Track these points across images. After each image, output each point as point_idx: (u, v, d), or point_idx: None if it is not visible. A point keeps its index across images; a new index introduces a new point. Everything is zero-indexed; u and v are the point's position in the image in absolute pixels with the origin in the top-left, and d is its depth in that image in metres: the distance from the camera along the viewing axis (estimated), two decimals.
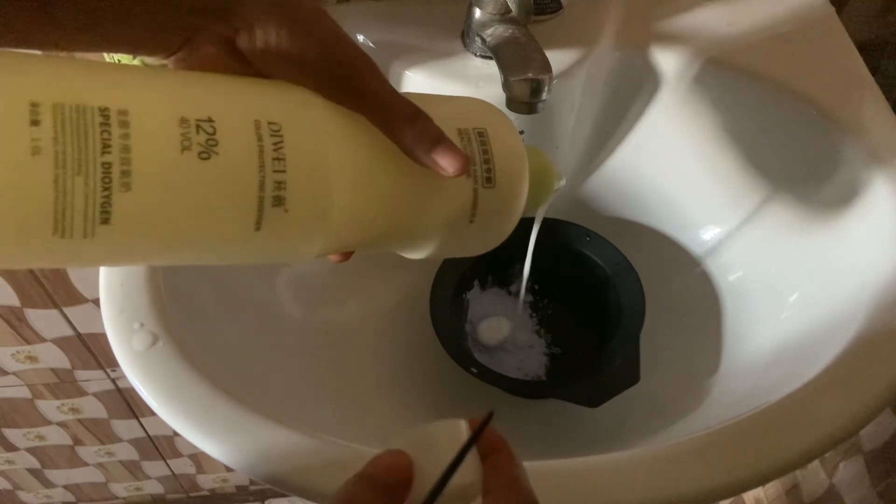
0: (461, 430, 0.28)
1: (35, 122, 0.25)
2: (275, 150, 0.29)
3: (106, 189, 0.26)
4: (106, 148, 0.26)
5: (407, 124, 0.31)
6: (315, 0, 0.31)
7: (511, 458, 0.28)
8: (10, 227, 0.26)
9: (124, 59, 0.48)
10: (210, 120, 0.28)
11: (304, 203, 0.30)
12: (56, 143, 0.25)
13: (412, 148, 0.31)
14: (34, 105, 0.25)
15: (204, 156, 0.28)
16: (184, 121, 0.28)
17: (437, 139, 0.31)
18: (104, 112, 0.26)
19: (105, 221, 0.27)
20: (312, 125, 0.30)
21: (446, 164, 0.31)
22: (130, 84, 0.28)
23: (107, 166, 0.26)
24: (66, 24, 0.28)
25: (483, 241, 0.35)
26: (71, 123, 0.26)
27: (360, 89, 0.31)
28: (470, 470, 0.27)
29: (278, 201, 0.29)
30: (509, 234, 0.35)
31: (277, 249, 0.31)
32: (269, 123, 0.29)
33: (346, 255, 0.37)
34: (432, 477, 0.26)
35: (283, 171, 0.29)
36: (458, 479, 0.27)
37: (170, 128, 0.28)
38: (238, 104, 0.30)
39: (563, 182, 0.39)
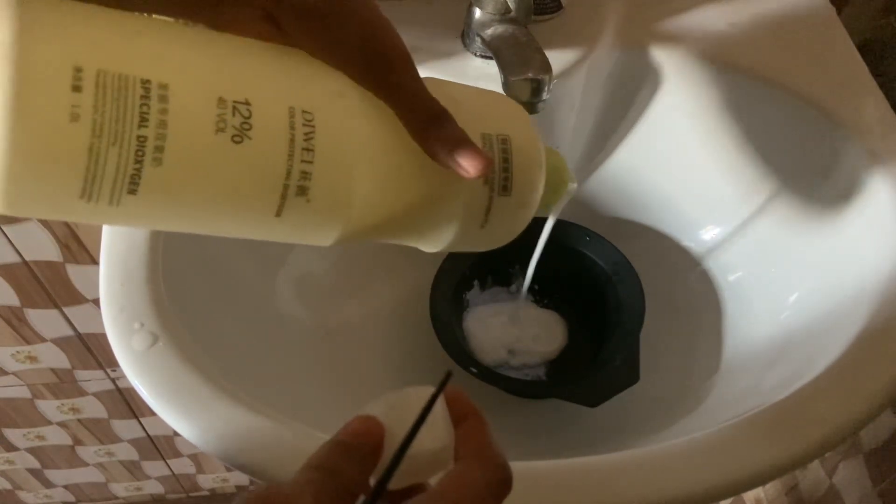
0: (431, 394, 0.29)
1: (77, 88, 0.25)
2: (305, 139, 0.29)
3: (138, 162, 0.27)
4: (143, 121, 0.26)
5: (431, 124, 0.31)
6: None
7: (482, 423, 0.29)
8: (39, 186, 0.26)
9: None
10: (247, 103, 0.28)
11: (326, 195, 0.30)
12: (95, 111, 0.25)
13: (434, 148, 0.31)
14: (78, 70, 0.25)
15: (237, 139, 0.28)
16: (222, 101, 0.28)
17: (459, 141, 0.31)
18: (146, 84, 0.27)
19: (132, 192, 0.27)
20: (344, 118, 0.30)
21: (468, 164, 0.31)
22: (174, 55, 0.28)
23: (142, 140, 0.27)
24: None
25: (490, 241, 0.36)
26: (112, 93, 0.26)
27: (390, 84, 0.31)
28: (441, 435, 0.28)
29: (302, 191, 0.30)
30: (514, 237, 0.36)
31: (295, 235, 0.32)
32: (304, 112, 0.29)
33: None
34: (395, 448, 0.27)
35: (311, 163, 0.29)
36: (428, 444, 0.27)
37: (208, 107, 0.28)
38: (276, 88, 0.29)
39: (574, 186, 0.40)
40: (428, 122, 0.31)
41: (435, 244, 0.35)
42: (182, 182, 0.28)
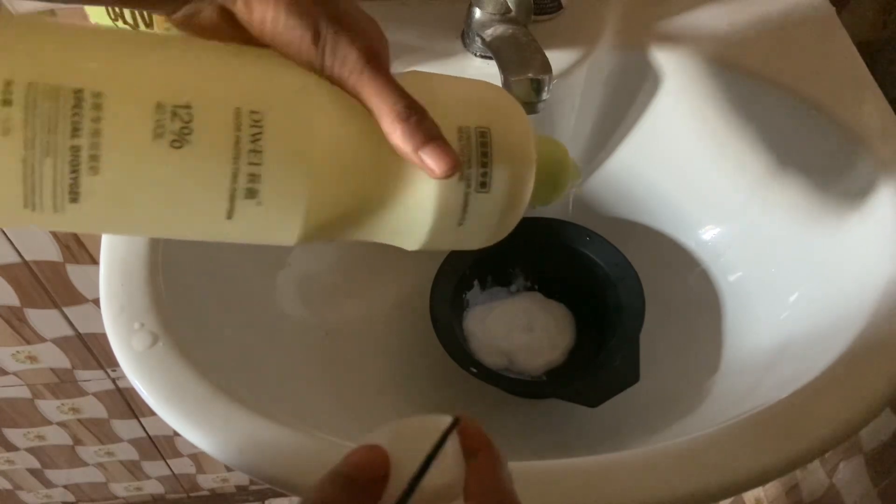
0: (442, 425, 0.28)
1: (7, 102, 0.25)
2: (252, 141, 0.28)
3: (74, 171, 0.27)
4: (75, 131, 0.26)
5: (399, 119, 0.30)
6: None
7: (495, 459, 0.27)
8: None
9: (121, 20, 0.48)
10: (188, 106, 0.28)
11: (278, 197, 0.29)
12: (26, 124, 0.26)
13: (401, 144, 0.30)
14: (7, 83, 0.25)
15: (176, 144, 0.28)
16: (160, 106, 0.27)
17: (428, 138, 0.30)
18: (78, 94, 0.26)
19: (74, 200, 0.27)
20: (302, 116, 0.29)
21: (433, 162, 0.30)
22: (112, 64, 0.28)
23: (75, 149, 0.26)
24: None
25: (474, 240, 0.34)
26: (42, 105, 0.26)
27: (358, 77, 0.30)
28: (449, 469, 0.27)
29: (251, 193, 0.29)
30: (507, 235, 0.34)
31: (251, 236, 0.31)
32: (252, 112, 0.29)
33: None
34: (409, 473, 0.26)
35: (259, 164, 0.29)
36: (437, 479, 0.26)
37: (145, 113, 0.27)
38: (222, 89, 0.29)
39: (579, 181, 0.38)
40: (397, 115, 0.30)
41: (410, 242, 0.34)
42: (123, 189, 0.28)
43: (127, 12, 0.47)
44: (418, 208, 0.32)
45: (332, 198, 0.31)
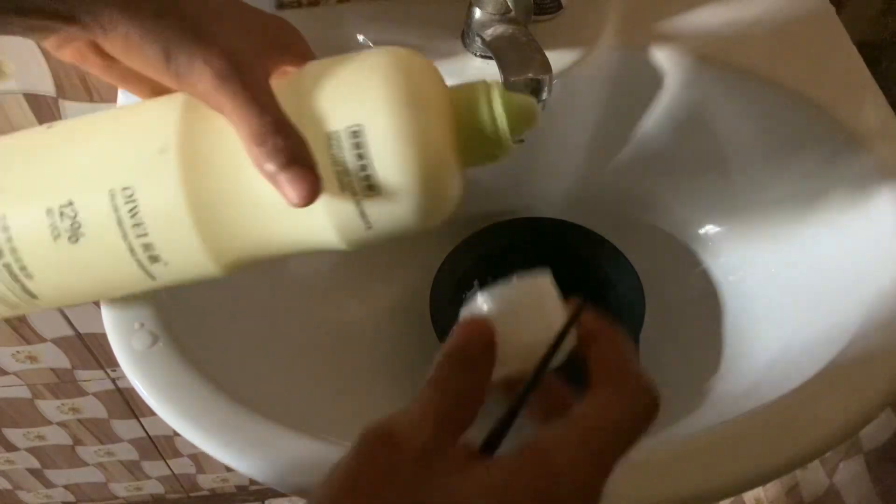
0: (543, 289, 0.28)
1: None
2: (132, 216, 0.30)
3: (16, 281, 0.32)
4: (0, 254, 0.31)
5: (255, 142, 0.28)
6: None
7: (618, 341, 0.26)
8: None
9: None
10: (70, 203, 0.30)
11: (179, 253, 0.31)
12: None
13: (260, 170, 0.28)
14: None
15: (73, 240, 0.31)
16: (49, 211, 0.30)
17: (286, 162, 0.27)
18: None
19: (34, 298, 0.32)
20: (164, 177, 0.30)
21: (289, 191, 0.28)
22: (9, 184, 0.31)
23: (8, 266, 0.31)
24: None
25: (409, 226, 0.32)
26: None
27: (212, 99, 0.29)
28: (567, 345, 0.26)
29: (154, 259, 0.31)
30: (450, 211, 0.32)
31: (182, 281, 0.34)
32: (123, 189, 0.30)
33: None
34: (515, 345, 0.26)
35: (146, 235, 0.30)
36: (559, 357, 0.26)
37: (40, 221, 0.31)
38: (95, 175, 0.31)
39: (534, 120, 0.32)
40: (253, 139, 0.28)
41: (337, 248, 0.33)
42: (60, 284, 0.32)
43: None
44: (319, 229, 0.31)
45: (229, 239, 0.31)
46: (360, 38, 0.54)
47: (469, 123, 0.31)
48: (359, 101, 0.29)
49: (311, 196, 0.28)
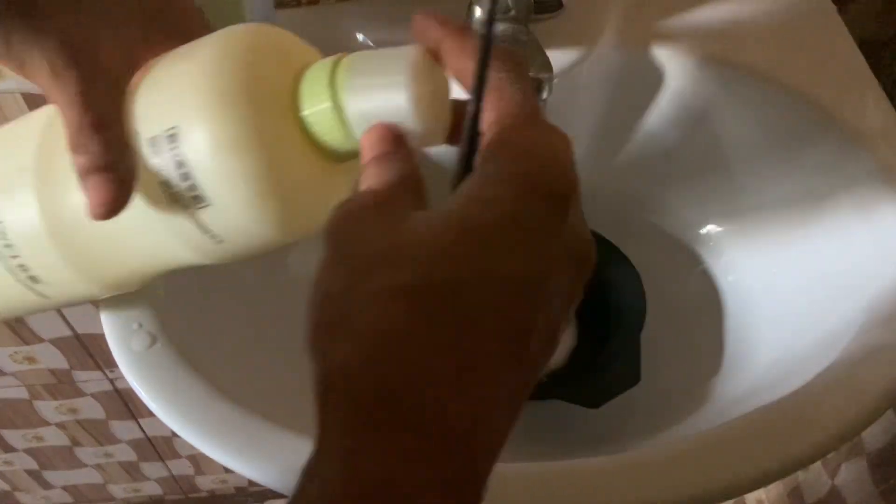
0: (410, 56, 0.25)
1: None
2: (2, 237, 0.31)
3: None
4: None
5: (70, 144, 0.26)
6: (30, 18, 0.26)
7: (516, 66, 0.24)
8: None
9: None
10: None
11: (52, 274, 0.31)
12: None
13: (77, 175, 0.26)
14: None
15: None
16: None
17: (91, 168, 0.25)
18: None
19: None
20: (23, 197, 0.30)
21: (90, 201, 0.26)
22: None
23: None
24: None
25: (266, 239, 0.28)
26: None
27: (52, 95, 0.27)
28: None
29: (34, 280, 0.32)
30: (322, 217, 0.26)
31: (71, 303, 0.35)
32: None
33: None
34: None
35: (18, 256, 0.31)
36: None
37: None
38: None
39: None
40: (69, 141, 0.26)
41: (205, 263, 0.30)
42: None
43: None
44: (167, 245, 0.28)
45: (94, 259, 0.31)
46: (360, 37, 0.54)
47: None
48: (178, 99, 0.25)
49: (108, 206, 0.25)
